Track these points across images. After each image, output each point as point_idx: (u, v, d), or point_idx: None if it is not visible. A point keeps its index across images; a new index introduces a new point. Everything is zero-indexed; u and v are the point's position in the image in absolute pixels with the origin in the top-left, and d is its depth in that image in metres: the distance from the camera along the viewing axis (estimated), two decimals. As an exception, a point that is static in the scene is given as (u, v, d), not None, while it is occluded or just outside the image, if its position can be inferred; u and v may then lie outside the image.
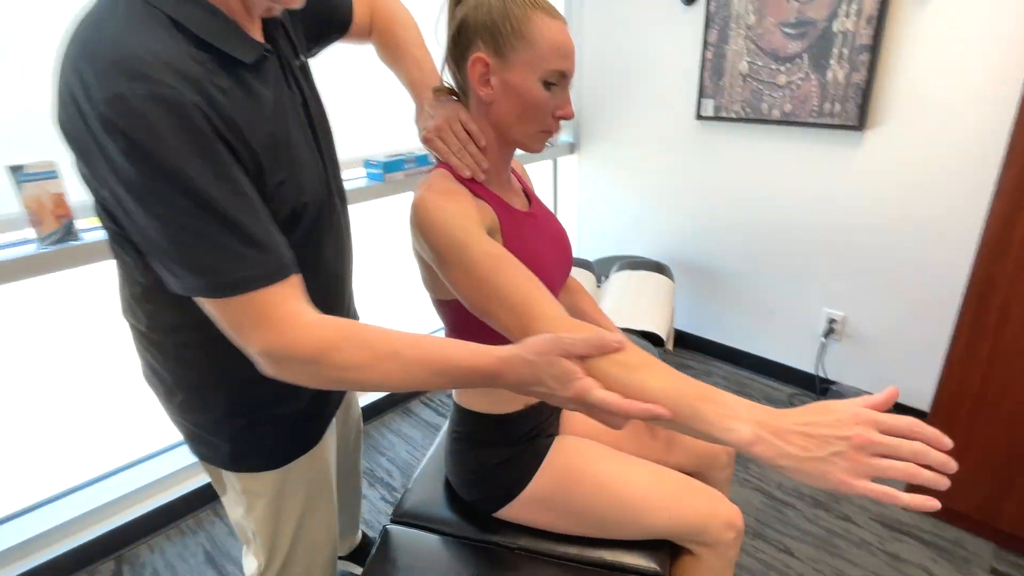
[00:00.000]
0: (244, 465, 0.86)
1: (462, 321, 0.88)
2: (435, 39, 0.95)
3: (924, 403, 1.63)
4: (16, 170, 1.28)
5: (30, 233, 1.35)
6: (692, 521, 0.94)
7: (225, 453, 0.85)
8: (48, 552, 1.53)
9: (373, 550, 0.95)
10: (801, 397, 2.26)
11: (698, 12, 2.12)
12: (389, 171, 1.93)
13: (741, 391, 2.30)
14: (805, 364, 2.27)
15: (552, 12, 0.82)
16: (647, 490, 0.95)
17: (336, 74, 1.78)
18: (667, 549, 0.96)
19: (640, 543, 0.95)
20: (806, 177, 2.06)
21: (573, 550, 0.94)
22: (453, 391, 1.00)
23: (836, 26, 1.81)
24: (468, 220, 0.78)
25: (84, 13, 0.63)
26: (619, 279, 1.82)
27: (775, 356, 2.35)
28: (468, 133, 0.86)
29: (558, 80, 0.82)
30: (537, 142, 0.87)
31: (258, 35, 0.73)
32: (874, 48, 1.76)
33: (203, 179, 0.59)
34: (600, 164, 2.66)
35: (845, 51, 1.81)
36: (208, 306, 0.64)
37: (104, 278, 1.46)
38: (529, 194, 1.01)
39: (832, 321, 2.13)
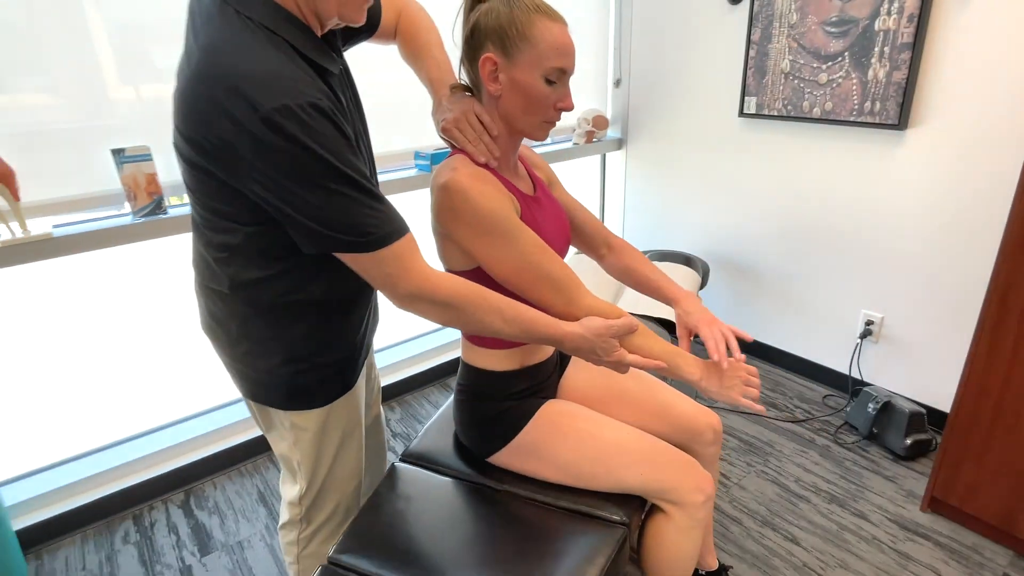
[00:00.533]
0: (295, 404, 1.00)
1: None
2: (452, 41, 1.09)
3: (956, 408, 1.62)
4: (118, 153, 1.53)
5: (126, 207, 1.61)
6: (663, 480, 1.03)
7: (280, 394, 1.00)
8: (133, 478, 1.80)
9: (382, 481, 1.11)
10: (835, 398, 2.25)
11: (743, 11, 2.15)
12: (436, 162, 2.09)
13: (776, 389, 2.32)
14: (840, 365, 2.25)
15: (553, 16, 0.93)
16: (623, 448, 1.05)
17: (381, 74, 1.96)
18: (636, 504, 1.05)
19: (612, 496, 1.05)
20: (846, 176, 2.05)
21: (551, 495, 1.06)
22: (461, 351, 1.14)
23: (878, 24, 1.80)
24: (507, 206, 0.93)
25: (217, 44, 0.74)
26: None
27: (811, 356, 2.34)
28: (482, 124, 0.99)
29: (558, 77, 0.94)
30: (541, 131, 0.99)
31: None
32: (915, 47, 1.74)
33: (348, 163, 0.76)
34: (646, 160, 2.72)
35: (886, 50, 1.80)
36: (360, 262, 0.81)
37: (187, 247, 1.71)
38: (535, 180, 1.12)
39: (869, 322, 2.11)
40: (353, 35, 1.07)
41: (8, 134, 1.44)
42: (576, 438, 1.06)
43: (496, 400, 1.09)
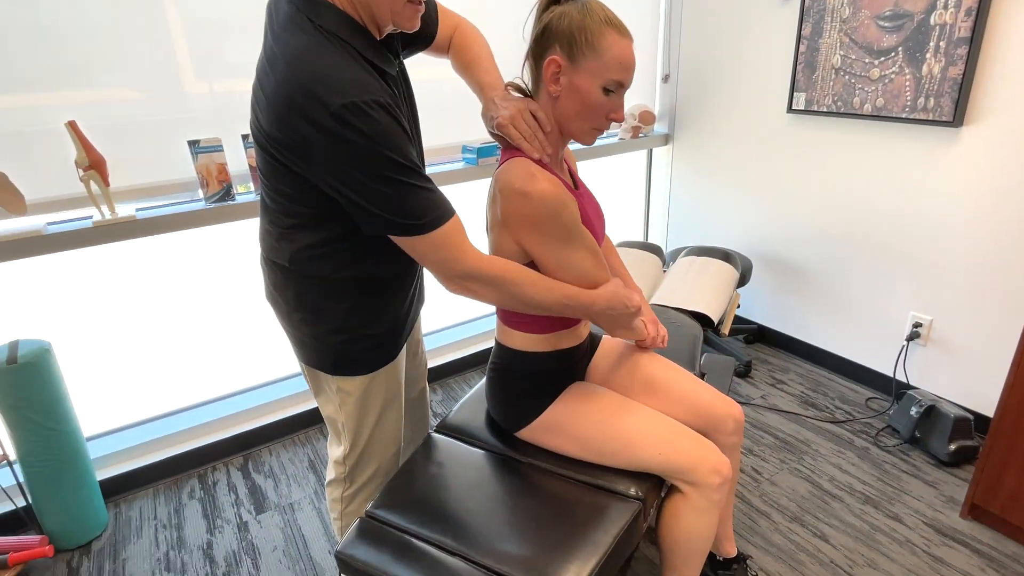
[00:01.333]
0: (342, 370, 1.10)
1: None
2: (522, 37, 1.14)
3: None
4: (193, 144, 1.68)
5: (199, 193, 1.77)
6: (680, 461, 1.07)
7: (329, 360, 1.09)
8: (200, 441, 1.98)
9: (418, 448, 1.20)
10: (878, 401, 2.20)
11: (793, 6, 2.13)
12: (483, 156, 2.18)
13: (817, 390, 2.29)
14: (885, 367, 2.21)
15: (622, 31, 0.97)
16: (643, 429, 1.10)
17: (429, 71, 2.05)
18: (654, 482, 1.10)
19: (631, 474, 1.11)
20: (897, 174, 2.00)
21: (572, 470, 1.12)
22: (496, 333, 1.22)
23: (933, 19, 1.76)
24: (578, 215, 1.01)
25: (298, 52, 0.83)
26: (683, 264, 1.92)
27: (855, 357, 2.30)
28: (537, 121, 1.04)
29: (616, 88, 0.99)
30: (589, 136, 1.05)
31: None
32: (973, 41, 1.69)
33: (404, 153, 0.86)
34: (693, 156, 2.72)
35: (942, 44, 1.76)
36: (417, 245, 0.90)
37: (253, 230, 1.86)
38: (574, 175, 1.18)
39: (917, 325, 2.06)
40: (411, 44, 1.15)
41: (99, 126, 1.61)
42: (598, 417, 1.12)
43: (526, 378, 1.17)
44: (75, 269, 1.78)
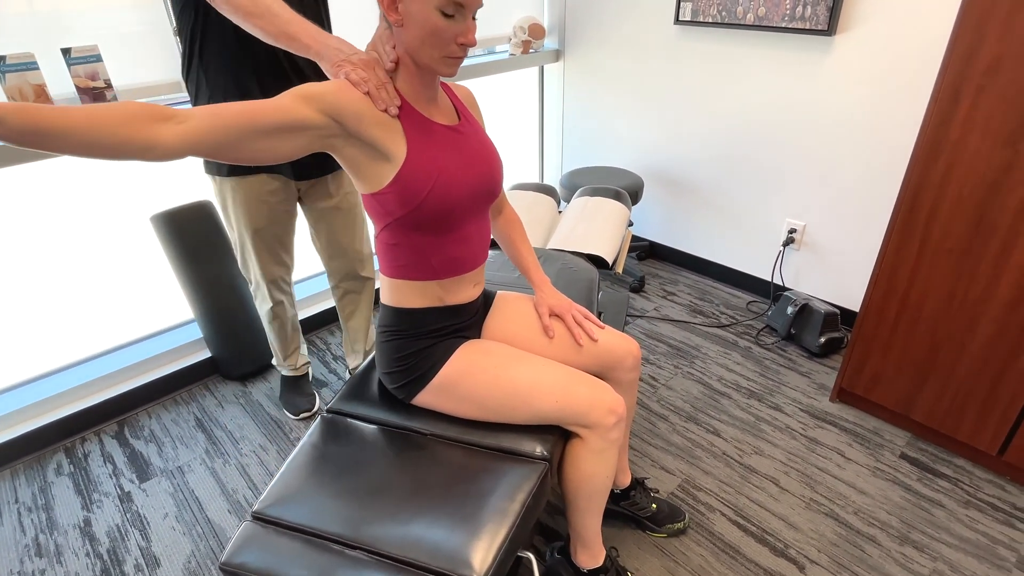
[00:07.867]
0: (207, 168, 1.40)
1: (383, 210, 0.98)
2: None
3: (865, 307, 1.75)
4: (-5, 59, 1.37)
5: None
6: (576, 406, 1.05)
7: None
8: (61, 411, 1.74)
9: (307, 434, 1.11)
10: (758, 304, 2.37)
11: (679, -92, 2.06)
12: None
13: (703, 298, 2.42)
14: (764, 272, 2.37)
15: None
16: (537, 379, 1.06)
17: None
18: (558, 435, 1.09)
19: (532, 432, 1.08)
20: (776, 85, 2.06)
21: (476, 436, 1.08)
22: (382, 294, 1.11)
23: (811, -77, 1.76)
24: (313, 92, 0.85)
25: None
26: (576, 205, 1.88)
27: (737, 265, 2.44)
28: (382, 57, 0.94)
29: (456, 10, 0.86)
30: (445, 66, 0.92)
31: None
32: (846, -53, 1.72)
33: None
34: (584, 72, 2.65)
35: (818, -50, 1.77)
36: None
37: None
38: (462, 114, 1.07)
39: (792, 231, 2.20)
40: None
41: None
42: (492, 374, 1.07)
43: (416, 338, 1.08)
44: None
